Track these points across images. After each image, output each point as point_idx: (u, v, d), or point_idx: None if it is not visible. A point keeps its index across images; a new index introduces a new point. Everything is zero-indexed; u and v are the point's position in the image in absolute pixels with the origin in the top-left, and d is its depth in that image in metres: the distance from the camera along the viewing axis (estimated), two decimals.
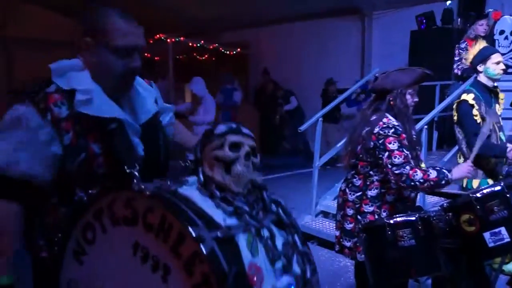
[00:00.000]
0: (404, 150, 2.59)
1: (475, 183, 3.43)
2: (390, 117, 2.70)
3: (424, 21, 7.71)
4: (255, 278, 1.26)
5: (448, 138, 6.83)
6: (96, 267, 1.40)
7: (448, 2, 7.58)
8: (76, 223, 1.43)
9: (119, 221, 1.36)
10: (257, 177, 1.49)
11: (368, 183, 2.76)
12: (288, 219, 1.46)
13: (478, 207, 2.21)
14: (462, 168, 2.65)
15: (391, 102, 2.74)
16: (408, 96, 2.74)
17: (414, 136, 2.75)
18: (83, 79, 1.53)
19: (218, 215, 1.34)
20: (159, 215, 1.27)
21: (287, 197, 6.89)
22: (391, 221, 2.27)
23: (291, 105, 10.04)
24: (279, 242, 1.39)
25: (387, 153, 2.58)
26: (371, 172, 2.74)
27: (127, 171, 1.44)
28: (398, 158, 2.55)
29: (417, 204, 3.02)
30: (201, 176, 1.46)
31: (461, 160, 3.51)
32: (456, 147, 3.85)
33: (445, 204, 2.32)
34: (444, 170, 2.56)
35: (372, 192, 2.74)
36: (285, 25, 11.12)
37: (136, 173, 1.43)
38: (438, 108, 5.30)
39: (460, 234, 2.26)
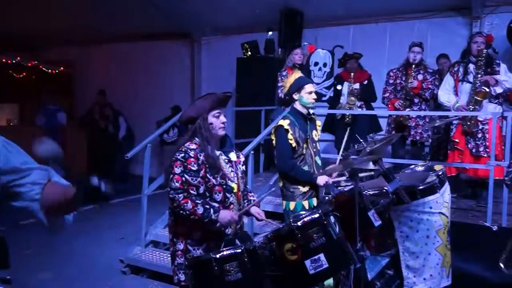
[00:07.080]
0: (186, 176, 2.61)
1: (292, 205, 3.64)
2: (194, 142, 2.71)
3: (249, 49, 8.10)
4: None
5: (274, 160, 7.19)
6: None
7: (270, 33, 8.09)
8: None
9: None
10: None
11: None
12: None
13: (299, 235, 2.27)
14: (227, 214, 2.66)
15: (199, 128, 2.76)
16: (213, 119, 2.76)
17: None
18: None
19: None
20: None
21: (118, 227, 6.46)
22: (217, 256, 2.20)
23: (122, 129, 9.70)
24: None
25: (170, 176, 2.62)
26: None
27: None
28: (175, 183, 2.60)
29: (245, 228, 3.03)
30: None
31: (281, 183, 3.68)
32: None
33: (269, 234, 2.34)
34: (211, 211, 2.59)
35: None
36: (115, 45, 10.71)
37: None
38: (262, 134, 5.51)
39: (284, 263, 2.30)
